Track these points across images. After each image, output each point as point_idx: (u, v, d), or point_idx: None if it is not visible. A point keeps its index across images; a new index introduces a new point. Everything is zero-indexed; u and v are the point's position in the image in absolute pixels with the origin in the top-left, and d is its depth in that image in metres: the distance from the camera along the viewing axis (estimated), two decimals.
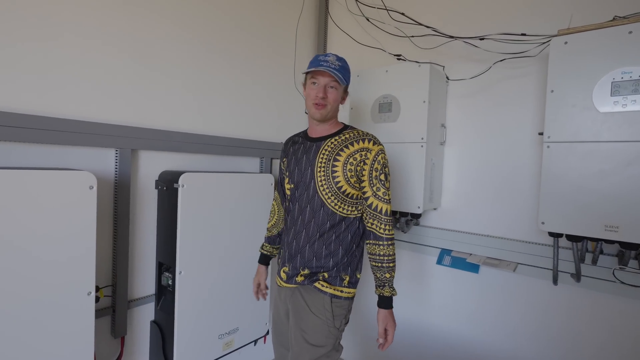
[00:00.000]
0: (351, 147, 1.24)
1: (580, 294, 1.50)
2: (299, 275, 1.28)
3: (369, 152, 1.23)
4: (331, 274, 1.26)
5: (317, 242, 1.26)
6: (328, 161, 1.25)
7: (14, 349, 1.02)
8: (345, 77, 1.26)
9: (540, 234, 1.59)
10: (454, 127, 1.88)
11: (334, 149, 1.26)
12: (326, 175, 1.24)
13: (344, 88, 1.30)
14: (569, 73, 1.31)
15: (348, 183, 1.22)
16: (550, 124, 1.36)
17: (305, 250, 1.28)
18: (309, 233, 1.27)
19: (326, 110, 1.25)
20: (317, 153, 1.28)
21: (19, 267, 1.02)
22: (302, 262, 1.28)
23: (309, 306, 1.26)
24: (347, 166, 1.22)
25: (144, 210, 1.54)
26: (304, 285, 1.28)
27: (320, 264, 1.26)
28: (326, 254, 1.26)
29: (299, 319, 1.28)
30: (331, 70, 1.20)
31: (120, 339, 1.47)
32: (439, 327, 1.92)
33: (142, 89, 1.50)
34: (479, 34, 1.63)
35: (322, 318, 1.24)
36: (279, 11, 2.12)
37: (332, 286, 1.25)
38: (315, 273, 1.27)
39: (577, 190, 1.30)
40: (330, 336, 1.25)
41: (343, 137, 1.27)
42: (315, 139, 1.32)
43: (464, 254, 1.82)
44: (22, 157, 1.19)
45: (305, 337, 1.25)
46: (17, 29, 1.17)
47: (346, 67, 1.29)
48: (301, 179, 1.30)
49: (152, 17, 1.52)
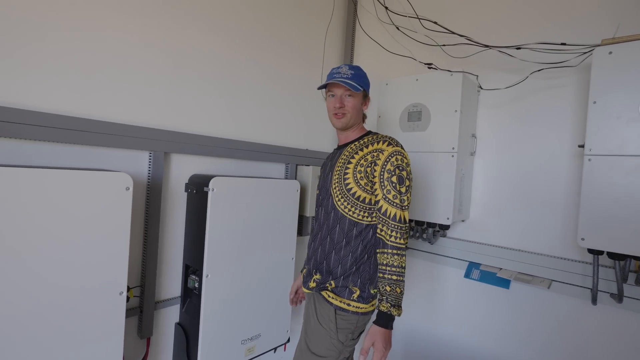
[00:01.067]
0: (365, 149, 1.23)
1: (621, 316, 1.42)
2: (312, 281, 1.28)
3: (381, 152, 1.19)
4: (338, 283, 1.22)
5: (328, 245, 1.26)
6: (343, 164, 1.26)
7: (46, 346, 1.03)
8: (360, 84, 1.24)
9: (576, 250, 1.53)
10: (484, 138, 1.84)
11: (350, 153, 1.26)
12: (339, 178, 1.25)
13: (363, 94, 1.28)
14: (614, 84, 1.26)
15: (358, 185, 1.20)
16: (592, 137, 1.31)
17: (318, 252, 1.29)
18: (322, 235, 1.29)
19: (346, 118, 1.26)
20: (338, 158, 1.30)
21: (56, 265, 1.04)
22: (315, 264, 1.29)
23: (317, 314, 1.25)
24: (358, 167, 1.21)
25: (173, 212, 1.56)
26: (316, 293, 1.28)
27: (329, 268, 1.25)
28: (335, 259, 1.24)
29: (307, 324, 1.29)
30: (343, 81, 1.21)
31: (146, 340, 1.48)
32: (465, 342, 1.85)
33: (176, 93, 1.53)
34: (515, 44, 1.59)
35: (326, 328, 1.22)
36: (309, 20, 2.14)
37: (338, 297, 1.21)
38: (325, 279, 1.25)
39: (621, 205, 1.24)
40: (333, 349, 1.22)
41: (362, 141, 1.27)
42: (341, 146, 1.34)
43: (494, 268, 1.76)
44: (59, 157, 1.22)
45: (308, 343, 1.25)
46: (65, 33, 1.21)
47: (360, 73, 1.27)
48: (323, 184, 1.34)
49: (188, 26, 1.55)
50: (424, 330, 2.02)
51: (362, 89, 1.24)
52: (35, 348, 1.01)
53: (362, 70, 1.29)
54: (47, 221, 1.01)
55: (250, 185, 1.60)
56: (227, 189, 1.50)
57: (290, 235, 1.80)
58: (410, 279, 2.10)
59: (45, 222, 1.01)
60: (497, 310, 1.75)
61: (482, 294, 1.79)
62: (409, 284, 2.10)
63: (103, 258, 1.12)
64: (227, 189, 1.49)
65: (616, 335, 1.44)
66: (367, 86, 1.30)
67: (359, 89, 1.23)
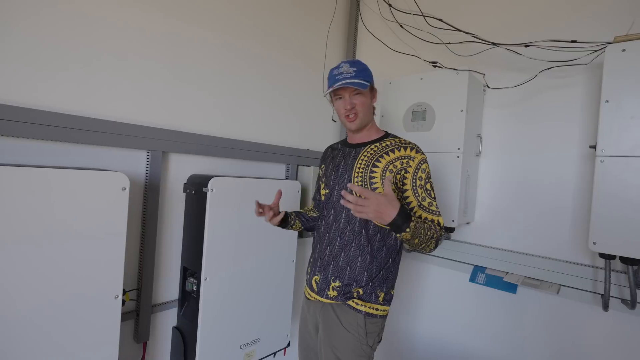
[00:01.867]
0: (392, 154, 1.19)
1: (634, 323, 1.37)
2: (331, 289, 1.22)
3: (411, 159, 1.17)
4: (366, 289, 1.19)
5: (352, 250, 1.20)
6: (367, 167, 1.20)
7: (38, 352, 0.99)
8: (365, 79, 1.19)
9: (587, 255, 1.48)
10: (490, 138, 1.79)
11: (374, 155, 1.21)
12: (364, 181, 1.19)
13: (370, 87, 1.23)
14: (627, 82, 1.22)
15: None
16: (604, 137, 1.26)
17: (340, 258, 1.22)
18: (344, 240, 1.22)
19: (359, 119, 1.22)
20: (355, 158, 1.24)
21: (49, 267, 1.00)
22: (334, 271, 1.23)
23: (341, 321, 1.19)
24: (386, 173, 1.16)
25: (171, 213, 1.52)
26: (337, 304, 1.22)
27: (353, 275, 1.20)
28: (361, 265, 1.19)
29: (330, 334, 1.22)
30: (349, 82, 1.16)
31: (142, 345, 1.44)
32: (470, 347, 1.80)
33: (175, 92, 1.50)
34: (523, 41, 1.54)
35: (355, 335, 1.17)
36: (310, 18, 2.11)
37: (366, 303, 1.18)
38: (348, 287, 1.20)
39: (635, 208, 1.19)
40: (363, 354, 1.18)
41: (384, 144, 1.23)
42: (355, 145, 1.29)
43: (500, 272, 1.71)
44: (53, 156, 1.18)
45: (337, 353, 1.19)
46: (60, 30, 1.17)
47: (362, 67, 1.22)
48: (337, 183, 1.27)
49: (188, 24, 1.52)
50: (427, 335, 1.98)
51: (368, 84, 1.20)
52: (27, 354, 0.97)
53: (362, 64, 1.23)
54: (39, 222, 0.98)
55: (250, 186, 1.56)
56: (227, 189, 1.46)
57: (290, 237, 1.76)
58: (414, 282, 2.05)
59: (37, 223, 0.97)
60: (503, 316, 1.70)
61: (488, 298, 1.75)
62: (412, 288, 2.05)
63: (98, 261, 1.09)
64: (226, 190, 1.46)
65: (629, 343, 1.39)
66: (372, 78, 1.24)
67: (366, 85, 1.18)
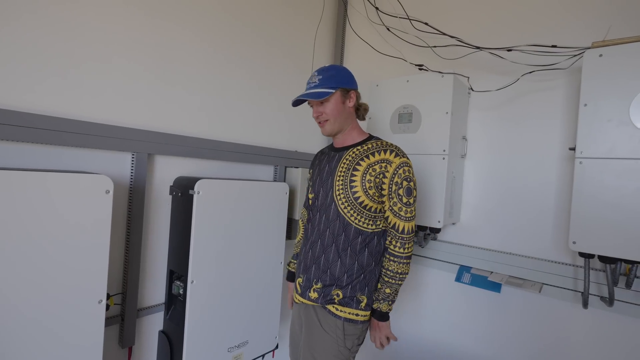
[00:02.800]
0: (372, 158, 1.20)
1: (612, 319, 1.41)
2: (312, 291, 1.23)
3: (389, 164, 1.17)
4: (345, 293, 1.20)
5: (332, 253, 1.21)
6: (347, 170, 1.21)
7: (21, 358, 0.97)
8: (328, 86, 1.20)
9: (568, 254, 1.52)
10: (475, 140, 1.83)
11: (355, 159, 1.22)
12: (344, 185, 1.20)
13: (340, 92, 1.22)
14: (604, 87, 1.26)
15: (366, 195, 1.17)
16: (583, 139, 1.30)
17: (320, 260, 1.23)
18: (324, 243, 1.24)
19: (329, 124, 1.25)
20: (338, 162, 1.25)
21: (30, 271, 0.98)
22: (316, 273, 1.24)
23: (321, 323, 1.21)
24: (366, 177, 1.18)
25: (157, 216, 1.50)
26: (318, 306, 1.23)
27: (334, 277, 1.21)
28: (340, 267, 1.20)
29: (310, 334, 1.23)
30: (307, 95, 1.22)
31: (127, 350, 1.42)
32: (456, 347, 1.83)
33: (161, 94, 1.48)
34: (506, 45, 1.58)
35: (333, 336, 1.18)
36: (298, 20, 2.11)
37: (346, 309, 1.19)
38: (328, 289, 1.21)
39: (613, 209, 1.23)
40: (340, 356, 1.19)
41: (365, 147, 1.24)
42: (339, 149, 1.30)
43: (485, 271, 1.74)
44: (35, 159, 1.16)
45: (314, 353, 1.20)
46: (38, 28, 1.15)
47: (330, 74, 1.22)
48: (321, 187, 1.28)
49: (174, 24, 1.50)
50: (413, 334, 2.00)
51: (332, 90, 1.19)
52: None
53: (334, 70, 1.23)
54: (20, 226, 0.95)
55: (237, 188, 1.55)
56: (214, 191, 1.45)
57: (278, 239, 1.76)
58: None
59: (18, 226, 0.95)
60: (488, 315, 1.74)
61: (473, 298, 1.78)
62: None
63: (81, 265, 1.07)
64: (213, 192, 1.45)
65: (607, 339, 1.43)
66: (343, 82, 1.23)
67: (326, 93, 1.19)
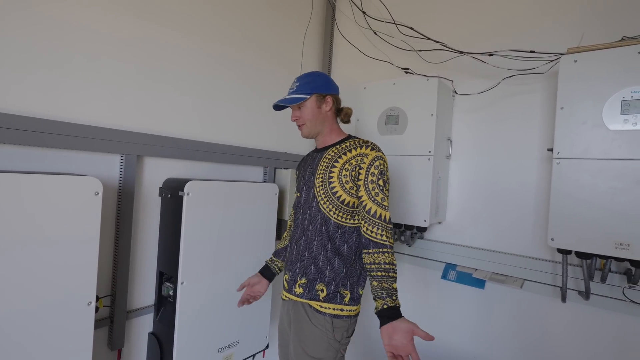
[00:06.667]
0: (348, 154, 1.24)
1: (589, 312, 1.48)
2: (297, 286, 1.27)
3: (365, 157, 1.21)
4: (329, 289, 1.22)
5: (315, 247, 1.25)
6: (327, 168, 1.26)
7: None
8: (304, 92, 1.27)
9: (548, 251, 1.58)
10: (459, 141, 1.88)
11: (333, 157, 1.27)
12: (323, 182, 1.25)
13: (316, 98, 1.28)
14: (579, 90, 1.32)
15: (343, 189, 1.22)
16: (560, 141, 1.36)
17: (304, 255, 1.28)
18: (307, 238, 1.28)
19: (306, 127, 1.32)
20: (319, 162, 1.31)
21: (18, 274, 0.98)
22: (301, 268, 1.28)
23: (310, 318, 1.23)
24: (343, 172, 1.22)
25: (146, 218, 1.51)
26: (306, 302, 1.26)
27: (317, 272, 1.24)
28: (323, 261, 1.24)
29: (299, 328, 1.26)
30: (284, 100, 1.28)
31: (117, 352, 1.41)
32: (442, 343, 1.88)
33: (150, 95, 1.48)
34: (487, 50, 1.64)
35: (322, 329, 1.21)
36: (287, 23, 2.14)
37: (331, 305, 1.22)
38: (313, 284, 1.24)
39: (588, 207, 1.29)
40: (330, 349, 1.22)
41: (343, 146, 1.29)
42: (320, 150, 1.35)
43: (470, 269, 1.80)
44: (23, 161, 1.15)
45: (305, 348, 1.23)
46: (28, 30, 1.15)
47: (306, 80, 1.30)
48: (304, 186, 1.33)
49: (163, 26, 1.51)
50: None
51: (306, 96, 1.26)
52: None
53: (311, 76, 1.30)
54: (9, 228, 0.95)
55: (227, 189, 1.56)
56: (203, 193, 1.46)
57: (268, 240, 1.77)
58: None
59: (7, 229, 0.95)
60: (473, 310, 1.79)
61: (459, 294, 1.83)
62: None
63: (70, 267, 1.07)
64: (203, 193, 1.46)
65: (584, 331, 1.50)
66: (318, 88, 1.28)
67: (300, 99, 1.26)
